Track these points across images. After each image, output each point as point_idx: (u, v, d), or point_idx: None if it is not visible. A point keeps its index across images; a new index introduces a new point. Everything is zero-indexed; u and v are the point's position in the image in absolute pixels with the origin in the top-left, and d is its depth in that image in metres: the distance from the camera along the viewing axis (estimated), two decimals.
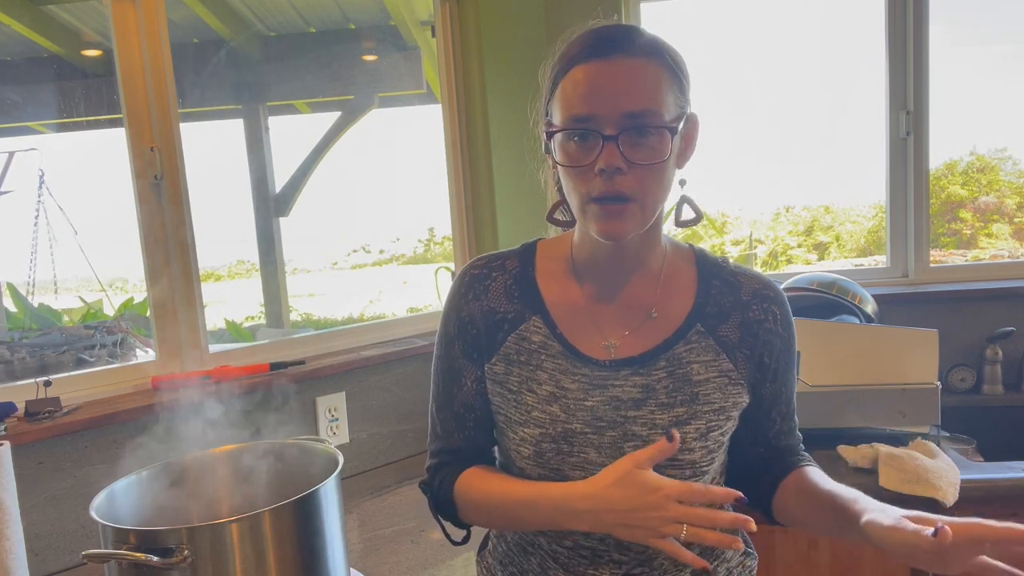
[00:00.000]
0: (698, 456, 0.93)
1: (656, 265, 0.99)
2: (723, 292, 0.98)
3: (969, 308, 2.28)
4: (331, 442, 1.22)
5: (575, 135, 0.88)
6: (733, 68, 3.42)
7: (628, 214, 0.88)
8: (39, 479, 1.45)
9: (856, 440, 1.73)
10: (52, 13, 3.26)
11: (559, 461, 0.94)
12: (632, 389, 0.94)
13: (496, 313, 1.00)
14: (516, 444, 0.97)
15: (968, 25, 3.21)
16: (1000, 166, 4.07)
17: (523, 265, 1.02)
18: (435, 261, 4.95)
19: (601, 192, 0.87)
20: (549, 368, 0.96)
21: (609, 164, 0.85)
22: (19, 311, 3.31)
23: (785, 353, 1.00)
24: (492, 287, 1.01)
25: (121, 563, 0.95)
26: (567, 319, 0.98)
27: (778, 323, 0.99)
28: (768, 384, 0.99)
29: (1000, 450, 2.01)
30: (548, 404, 0.95)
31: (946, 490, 1.54)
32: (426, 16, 2.65)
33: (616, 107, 0.85)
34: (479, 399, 1.02)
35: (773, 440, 1.04)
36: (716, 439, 0.95)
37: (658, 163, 0.87)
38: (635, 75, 0.86)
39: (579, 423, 0.93)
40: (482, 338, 1.00)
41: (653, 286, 0.99)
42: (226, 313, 4.49)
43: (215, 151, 3.84)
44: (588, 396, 0.94)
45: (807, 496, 0.96)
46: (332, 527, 1.07)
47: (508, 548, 1.07)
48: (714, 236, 4.08)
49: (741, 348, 0.97)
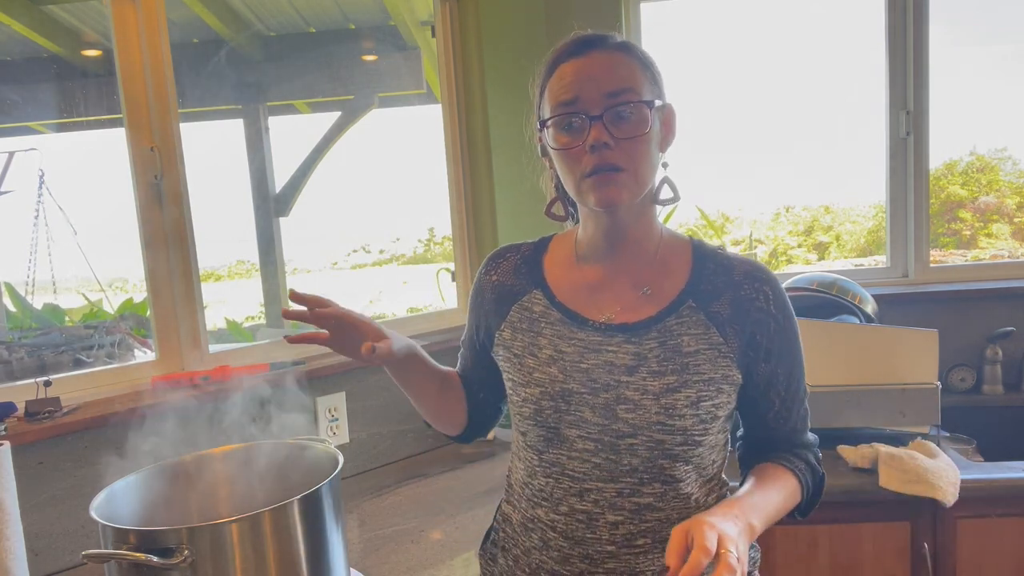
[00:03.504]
0: (689, 423, 0.97)
1: (652, 247, 1.06)
2: (716, 273, 1.04)
3: (969, 308, 2.28)
4: (331, 442, 1.22)
5: (565, 123, 0.97)
6: (733, 68, 3.42)
7: (621, 181, 0.96)
8: (39, 479, 1.45)
9: (856, 440, 1.73)
10: (52, 13, 3.26)
11: (556, 419, 1.02)
12: (625, 356, 1.00)
13: (504, 286, 1.13)
14: (519, 406, 1.06)
15: (968, 25, 3.21)
16: (1000, 166, 4.07)
17: (536, 250, 1.15)
18: (435, 261, 4.95)
19: (593, 166, 0.96)
20: (548, 334, 1.05)
21: (597, 140, 0.94)
22: (18, 311, 3.31)
23: (780, 335, 1.02)
24: (504, 264, 1.15)
25: (121, 563, 0.95)
26: (566, 294, 1.08)
27: (770, 303, 1.02)
28: (762, 364, 1.02)
29: (1000, 450, 2.01)
30: (547, 366, 1.04)
31: (946, 490, 1.54)
32: (426, 16, 2.65)
33: (598, 89, 0.96)
34: (473, 351, 1.20)
35: (772, 423, 1.07)
36: (708, 409, 0.98)
37: (641, 135, 0.96)
38: (611, 63, 0.97)
39: (576, 383, 1.01)
40: (491, 306, 1.13)
41: (648, 266, 1.05)
42: (226, 313, 4.49)
43: (215, 151, 3.84)
44: (583, 359, 1.02)
45: None
46: (332, 527, 1.07)
47: (513, 531, 1.11)
48: (714, 236, 4.08)
49: (731, 324, 1.01)
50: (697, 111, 3.17)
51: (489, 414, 1.24)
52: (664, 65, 1.04)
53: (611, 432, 0.98)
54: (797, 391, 1.07)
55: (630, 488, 0.99)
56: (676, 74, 1.17)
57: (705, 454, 1.01)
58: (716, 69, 3.41)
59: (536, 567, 1.06)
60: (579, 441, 1.00)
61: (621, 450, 0.98)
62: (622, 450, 0.98)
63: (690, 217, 3.82)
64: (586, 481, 1.00)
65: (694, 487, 1.01)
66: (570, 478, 1.01)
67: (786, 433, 1.08)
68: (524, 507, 1.08)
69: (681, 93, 1.17)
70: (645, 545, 1.00)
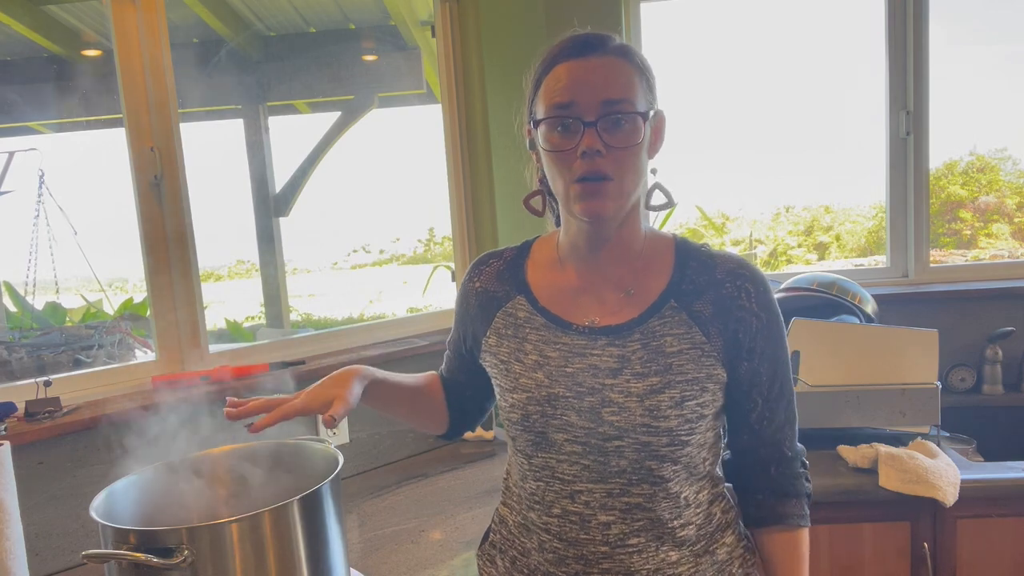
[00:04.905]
0: (675, 424, 0.97)
1: (635, 249, 1.05)
2: (698, 272, 1.03)
3: (969, 308, 2.28)
4: (331, 442, 1.22)
5: (559, 124, 0.97)
6: (733, 68, 3.42)
7: (607, 192, 0.96)
8: (39, 479, 1.45)
9: (856, 440, 1.73)
10: (52, 13, 3.26)
11: (543, 424, 1.01)
12: (609, 359, 1.00)
13: (488, 292, 1.13)
14: (507, 411, 1.06)
15: (968, 25, 3.21)
16: (1000, 166, 4.07)
17: (518, 255, 1.15)
18: (435, 261, 4.96)
19: (583, 172, 0.95)
20: (534, 340, 1.06)
21: (590, 147, 0.94)
22: (18, 311, 3.32)
23: (763, 333, 1.01)
24: (487, 271, 1.15)
25: (121, 563, 0.95)
26: (549, 299, 1.07)
27: (752, 301, 1.01)
28: (745, 362, 1.01)
29: (1000, 450, 2.01)
30: (533, 371, 1.04)
31: (946, 490, 1.54)
32: (426, 16, 2.66)
33: (595, 96, 0.95)
34: (459, 356, 1.20)
35: (756, 424, 1.05)
36: (693, 409, 0.98)
37: (633, 146, 0.96)
38: (611, 70, 0.96)
39: (561, 388, 1.01)
40: (476, 312, 1.14)
41: (631, 268, 1.05)
42: (226, 313, 4.49)
43: (215, 151, 3.84)
44: (569, 363, 1.02)
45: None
46: (332, 527, 1.07)
47: (509, 532, 1.11)
48: (714, 236, 4.08)
49: (714, 323, 1.00)
50: (698, 111, 3.17)
51: (474, 413, 1.25)
52: (664, 65, 1.04)
53: (597, 435, 0.98)
54: (782, 391, 1.05)
55: (619, 488, 0.99)
56: (676, 74, 1.17)
57: (694, 453, 1.01)
58: (716, 69, 3.41)
59: (533, 569, 1.06)
60: (567, 444, 1.00)
61: (608, 452, 0.98)
62: (609, 452, 0.98)
63: (690, 217, 3.83)
64: (576, 483, 1.00)
65: (684, 486, 1.01)
66: (560, 481, 1.01)
67: (771, 438, 1.06)
68: (519, 509, 1.09)
69: (681, 93, 1.17)
70: (638, 544, 1.00)
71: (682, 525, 1.01)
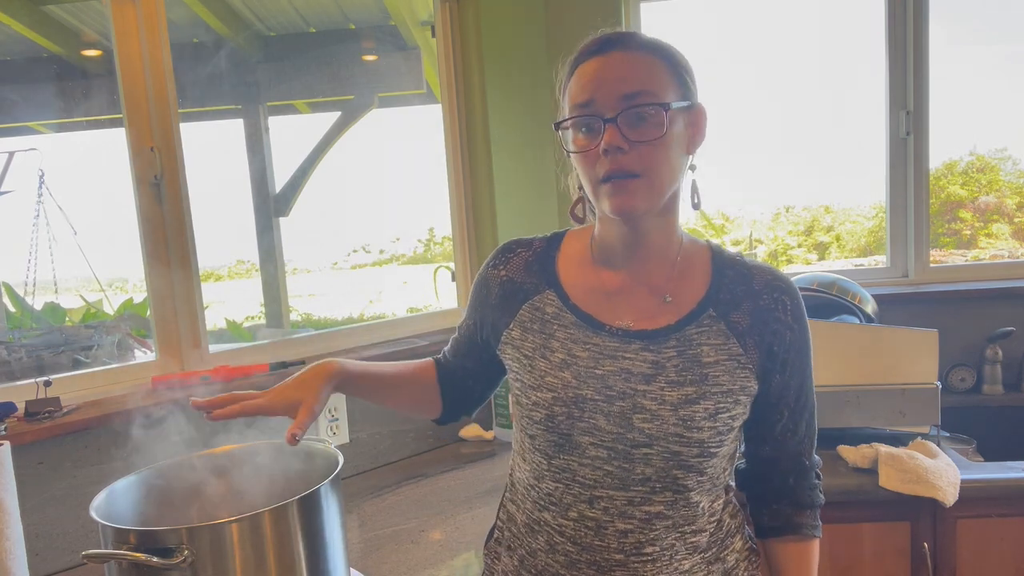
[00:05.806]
0: (707, 436, 0.95)
1: (672, 253, 1.03)
2: (736, 281, 1.01)
3: (969, 308, 2.28)
4: (331, 442, 1.22)
5: (582, 125, 0.95)
6: (733, 68, 3.42)
7: (635, 188, 0.93)
8: (39, 479, 1.45)
9: (856, 440, 1.73)
10: (52, 13, 3.26)
11: (569, 426, 0.98)
12: (643, 364, 0.98)
13: (514, 283, 1.08)
14: (529, 409, 1.02)
15: (968, 25, 3.21)
16: (1000, 166, 4.07)
17: (548, 246, 1.11)
18: (435, 261, 4.95)
19: (607, 171, 0.93)
20: (561, 337, 1.02)
21: (610, 143, 0.92)
22: (18, 311, 3.32)
23: (796, 346, 1.01)
24: (514, 260, 1.10)
25: (121, 563, 0.95)
26: (581, 297, 1.04)
27: (788, 314, 1.00)
28: (777, 375, 1.01)
29: (1000, 450, 2.01)
30: (560, 370, 1.00)
31: (946, 490, 1.54)
32: (426, 16, 2.66)
33: (613, 92, 0.93)
34: (471, 343, 1.16)
35: (779, 436, 1.05)
36: (725, 421, 0.97)
37: (656, 139, 0.93)
38: (630, 64, 0.94)
39: (590, 390, 0.98)
40: (498, 302, 1.09)
41: (668, 273, 1.02)
42: (226, 313, 4.49)
43: (215, 151, 3.84)
44: (599, 365, 0.99)
45: None
46: (332, 527, 1.07)
47: (517, 531, 1.09)
48: (714, 236, 4.09)
49: (751, 334, 0.99)
50: None
51: (474, 400, 1.22)
52: None
53: (626, 441, 0.96)
54: (806, 403, 1.05)
55: (641, 497, 0.97)
56: None
57: (718, 464, 1.00)
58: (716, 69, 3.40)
59: (542, 569, 1.04)
60: (591, 448, 0.98)
61: (635, 459, 0.96)
62: (636, 459, 0.96)
63: (690, 217, 3.83)
64: (597, 488, 0.98)
65: (704, 495, 1.00)
66: (580, 484, 0.99)
67: (791, 450, 1.06)
68: (529, 508, 1.06)
69: None
70: (653, 553, 0.98)
71: (696, 532, 1.00)
